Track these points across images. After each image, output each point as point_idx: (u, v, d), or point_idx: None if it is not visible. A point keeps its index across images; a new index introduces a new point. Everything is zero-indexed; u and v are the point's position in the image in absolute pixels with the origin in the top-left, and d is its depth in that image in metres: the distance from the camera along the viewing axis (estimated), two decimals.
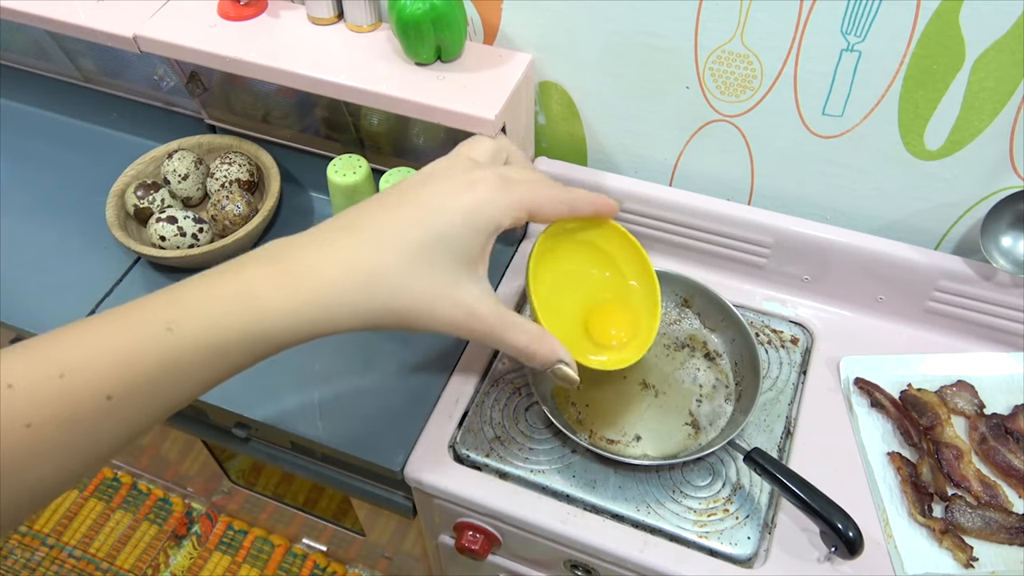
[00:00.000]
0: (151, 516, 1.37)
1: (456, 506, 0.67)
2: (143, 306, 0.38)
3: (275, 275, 0.40)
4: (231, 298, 0.39)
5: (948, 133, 0.63)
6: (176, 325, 0.37)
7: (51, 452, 0.34)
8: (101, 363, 0.35)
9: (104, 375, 0.35)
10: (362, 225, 0.44)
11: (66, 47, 0.90)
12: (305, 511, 1.07)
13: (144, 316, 0.37)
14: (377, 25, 0.73)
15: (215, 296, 0.39)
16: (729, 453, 0.66)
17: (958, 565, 0.59)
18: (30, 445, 0.33)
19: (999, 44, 0.56)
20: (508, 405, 0.70)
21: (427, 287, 0.44)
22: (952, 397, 0.68)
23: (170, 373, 0.37)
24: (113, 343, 0.36)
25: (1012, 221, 0.66)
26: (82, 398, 0.35)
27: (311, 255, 0.42)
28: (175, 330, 0.37)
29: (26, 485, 0.34)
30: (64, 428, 0.34)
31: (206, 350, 0.38)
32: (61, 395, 0.34)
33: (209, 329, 0.38)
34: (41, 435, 0.33)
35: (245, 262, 0.42)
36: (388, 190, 0.48)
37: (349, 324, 0.43)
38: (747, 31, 0.62)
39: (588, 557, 0.64)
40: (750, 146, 0.71)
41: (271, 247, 0.43)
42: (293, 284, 0.40)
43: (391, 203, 0.46)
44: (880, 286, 0.73)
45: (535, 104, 0.76)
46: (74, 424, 0.34)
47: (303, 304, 0.40)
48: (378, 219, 0.44)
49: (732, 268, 0.78)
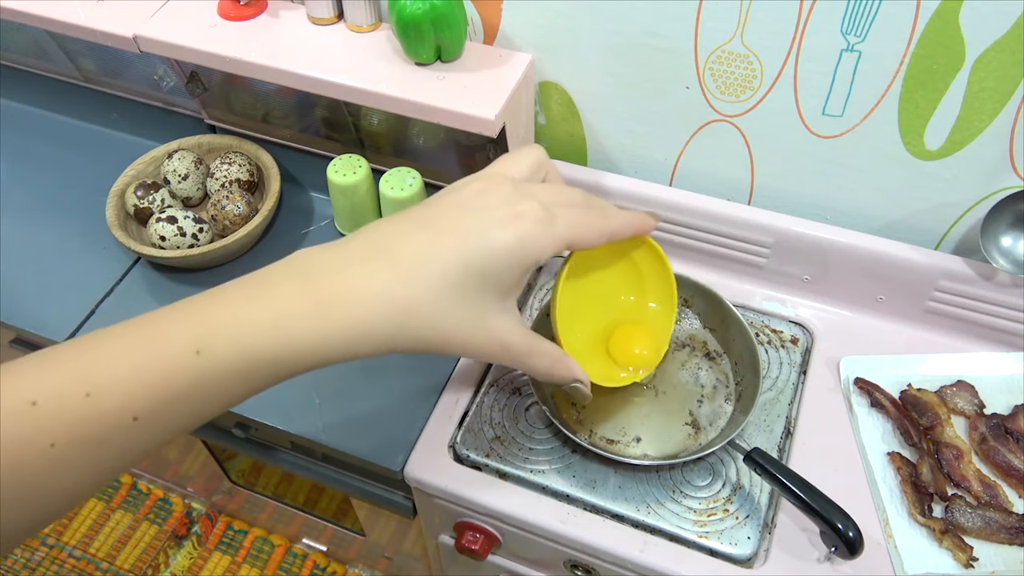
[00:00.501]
0: (151, 516, 1.37)
1: (456, 506, 0.67)
2: (170, 323, 0.37)
3: (308, 300, 0.40)
4: (262, 322, 0.38)
5: (948, 133, 0.63)
6: (205, 348, 0.36)
7: (74, 469, 0.34)
8: (129, 384, 0.35)
9: (131, 395, 0.35)
10: (399, 251, 0.42)
11: (66, 47, 0.90)
12: (305, 511, 1.07)
13: (171, 335, 0.37)
14: (377, 25, 0.73)
15: (246, 319, 0.38)
16: (729, 453, 0.66)
17: (958, 565, 0.59)
18: (54, 463, 0.33)
19: (999, 44, 0.56)
20: (508, 405, 0.70)
21: (462, 322, 0.44)
22: (952, 397, 0.68)
23: (196, 394, 0.37)
24: (140, 363, 0.35)
25: (1012, 221, 0.66)
26: (109, 418, 0.34)
27: (348, 284, 0.41)
28: (204, 353, 0.36)
29: (47, 500, 0.34)
30: (89, 447, 0.34)
31: (233, 373, 0.37)
32: (88, 415, 0.34)
33: (239, 354, 0.37)
34: (66, 454, 0.33)
35: (276, 281, 0.40)
36: (426, 206, 0.46)
37: (377, 351, 0.42)
38: (747, 31, 0.62)
39: (588, 557, 0.64)
40: (750, 146, 0.71)
41: (302, 265, 0.42)
42: (326, 312, 0.39)
43: (429, 225, 0.44)
44: (880, 286, 0.73)
45: (535, 104, 0.76)
46: (100, 443, 0.34)
47: (336, 332, 0.40)
48: (415, 246, 0.43)
49: (732, 268, 0.78)
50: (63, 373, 0.34)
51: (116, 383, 0.34)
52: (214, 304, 0.39)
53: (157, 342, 0.36)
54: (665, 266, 0.60)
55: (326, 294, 0.40)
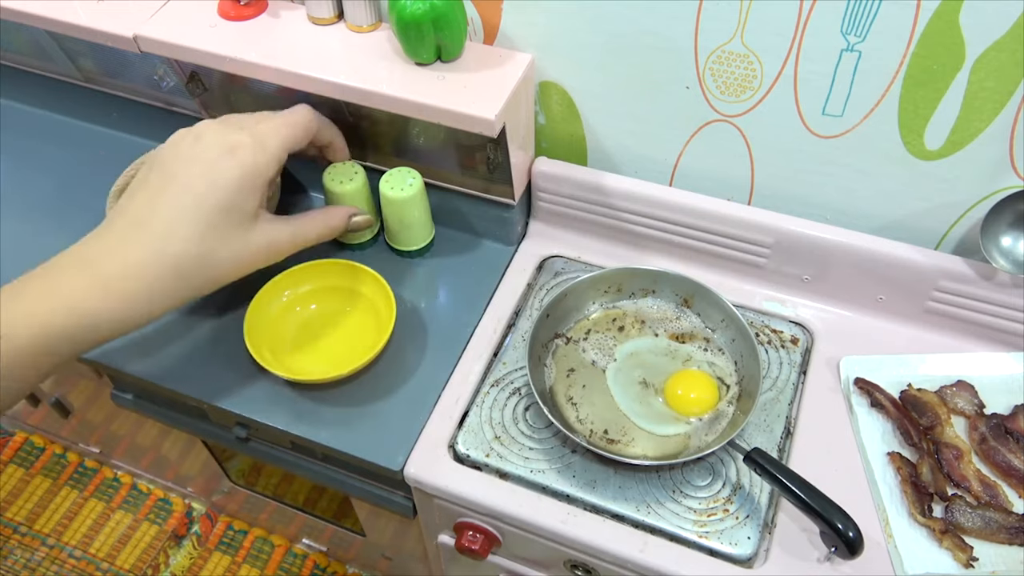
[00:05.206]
0: (151, 516, 1.37)
1: (456, 506, 0.67)
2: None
3: (94, 284, 0.47)
4: (58, 310, 0.46)
5: (948, 133, 0.63)
6: (9, 334, 0.44)
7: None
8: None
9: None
10: (153, 220, 0.51)
11: (66, 47, 0.90)
12: (305, 511, 1.07)
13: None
14: (377, 25, 0.73)
15: (43, 309, 0.46)
16: (729, 453, 0.66)
17: (958, 565, 0.59)
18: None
19: (999, 44, 0.56)
20: (508, 405, 0.70)
21: (227, 252, 0.53)
22: (952, 397, 0.68)
23: (7, 373, 0.43)
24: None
25: (1012, 221, 0.66)
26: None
27: (122, 261, 0.49)
28: (8, 338, 0.44)
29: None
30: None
31: (34, 353, 0.45)
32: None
33: (39, 336, 0.45)
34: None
35: (64, 273, 0.49)
36: (159, 168, 0.54)
37: (172, 304, 0.51)
38: (747, 31, 0.62)
39: (588, 557, 0.64)
40: (750, 146, 0.71)
41: (82, 254, 0.50)
42: (111, 289, 0.48)
43: (166, 187, 0.52)
44: (880, 286, 0.73)
45: (535, 104, 0.76)
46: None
47: (121, 305, 0.48)
48: (164, 210, 0.51)
49: (732, 268, 0.78)
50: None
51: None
52: (15, 300, 0.46)
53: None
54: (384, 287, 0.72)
55: (103, 269, 0.48)
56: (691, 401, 0.68)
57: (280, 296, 0.74)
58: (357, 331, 0.74)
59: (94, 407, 1.10)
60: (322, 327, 0.75)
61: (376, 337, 0.71)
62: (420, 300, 0.78)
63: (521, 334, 0.75)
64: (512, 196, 0.77)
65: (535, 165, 0.78)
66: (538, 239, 0.83)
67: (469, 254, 0.82)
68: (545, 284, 0.80)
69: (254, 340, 0.70)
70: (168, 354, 0.74)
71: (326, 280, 0.76)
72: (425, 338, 0.75)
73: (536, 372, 0.69)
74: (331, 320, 0.75)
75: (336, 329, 0.75)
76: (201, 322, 0.76)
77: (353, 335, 0.74)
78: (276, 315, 0.74)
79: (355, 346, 0.72)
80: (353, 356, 0.69)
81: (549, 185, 0.79)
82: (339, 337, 0.74)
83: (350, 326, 0.75)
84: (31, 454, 1.45)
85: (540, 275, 0.81)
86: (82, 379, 0.96)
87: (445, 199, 0.81)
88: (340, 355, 0.72)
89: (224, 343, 0.73)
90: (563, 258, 0.82)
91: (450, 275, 0.80)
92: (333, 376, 0.68)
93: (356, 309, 0.75)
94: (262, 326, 0.72)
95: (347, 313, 0.75)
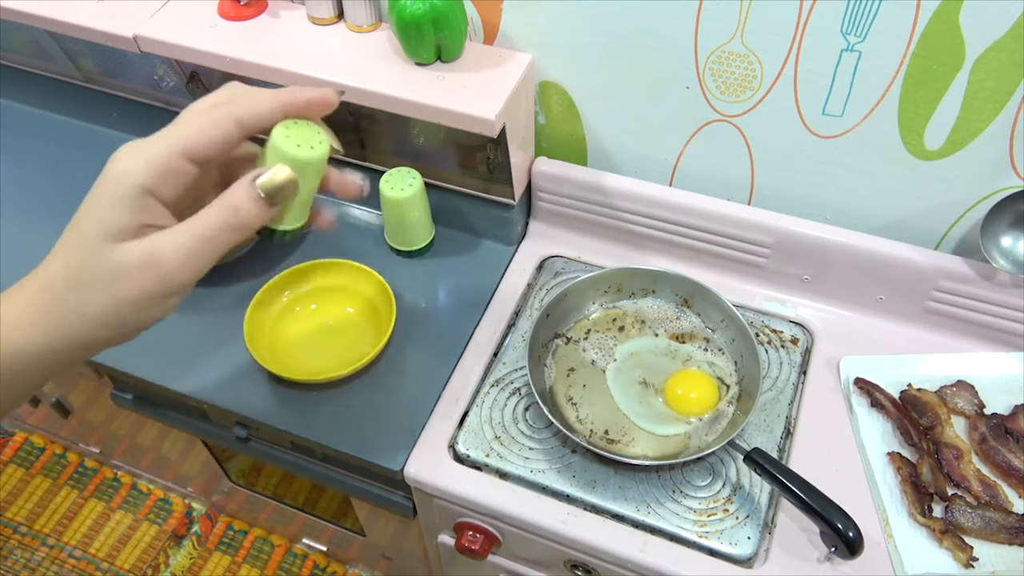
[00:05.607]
0: (151, 516, 1.37)
1: (456, 506, 0.67)
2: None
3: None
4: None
5: (948, 133, 0.63)
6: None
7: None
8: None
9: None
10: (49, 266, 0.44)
11: (66, 47, 0.90)
12: (305, 511, 1.07)
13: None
14: (377, 25, 0.73)
15: None
16: (729, 453, 0.66)
17: (958, 565, 0.59)
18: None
19: (999, 44, 0.56)
20: (508, 405, 0.70)
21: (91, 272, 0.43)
22: (952, 397, 0.68)
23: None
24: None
25: (1012, 221, 0.66)
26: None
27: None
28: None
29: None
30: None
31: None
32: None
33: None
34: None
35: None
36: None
37: (83, 357, 0.43)
38: (747, 31, 0.62)
39: (588, 557, 0.64)
40: (750, 146, 0.71)
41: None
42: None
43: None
44: (880, 286, 0.73)
45: (535, 104, 0.76)
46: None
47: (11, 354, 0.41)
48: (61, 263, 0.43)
49: (732, 268, 0.78)
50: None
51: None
52: None
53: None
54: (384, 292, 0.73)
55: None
56: (691, 401, 0.68)
57: (280, 296, 0.74)
58: (357, 331, 0.74)
59: (94, 407, 1.10)
60: (322, 327, 0.75)
61: (376, 337, 0.71)
62: (420, 300, 0.78)
63: (521, 334, 0.75)
64: (512, 196, 0.77)
65: (535, 165, 0.78)
66: (538, 239, 0.83)
67: (469, 254, 0.82)
68: (545, 284, 0.80)
69: (254, 340, 0.70)
70: (168, 354, 0.74)
71: (326, 280, 0.76)
72: (425, 338, 0.75)
73: (536, 372, 0.69)
74: (331, 320, 0.75)
75: (336, 329, 0.75)
76: (201, 322, 0.76)
77: (353, 335, 0.74)
78: (276, 315, 0.74)
79: (355, 346, 0.72)
80: (353, 356, 0.69)
81: (549, 185, 0.79)
82: (339, 337, 0.74)
83: (350, 326, 0.75)
84: (31, 454, 1.45)
85: (540, 275, 0.81)
86: (82, 379, 0.96)
87: (445, 199, 0.81)
88: (340, 355, 0.72)
89: (224, 343, 0.73)
90: (563, 258, 0.82)
91: (450, 275, 0.80)
92: (333, 376, 0.68)
93: (356, 309, 0.76)
94: (262, 326, 0.72)
95: (347, 313, 0.75)
